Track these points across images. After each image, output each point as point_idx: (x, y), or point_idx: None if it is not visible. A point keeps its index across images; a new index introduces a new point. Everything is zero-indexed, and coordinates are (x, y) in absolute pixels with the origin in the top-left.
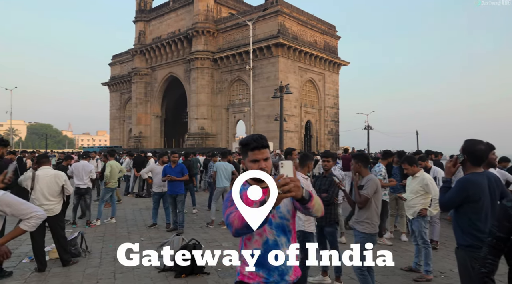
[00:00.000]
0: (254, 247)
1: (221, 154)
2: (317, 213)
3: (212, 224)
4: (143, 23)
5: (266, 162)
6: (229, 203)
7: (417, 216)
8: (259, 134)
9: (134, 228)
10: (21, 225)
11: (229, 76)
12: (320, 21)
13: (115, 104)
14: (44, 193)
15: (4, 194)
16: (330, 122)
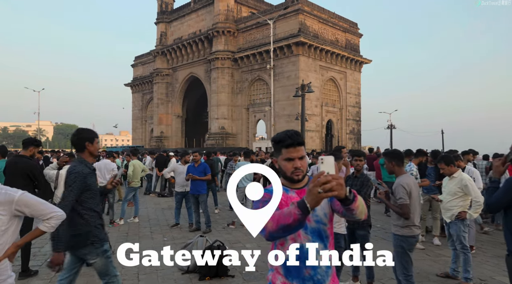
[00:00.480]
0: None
1: (243, 154)
2: (360, 216)
3: (234, 224)
4: (165, 24)
5: (302, 161)
6: (261, 204)
7: (456, 219)
8: (294, 130)
9: (156, 228)
10: (41, 226)
11: (249, 75)
12: (341, 19)
13: (137, 105)
14: None
15: (23, 194)
16: (352, 121)
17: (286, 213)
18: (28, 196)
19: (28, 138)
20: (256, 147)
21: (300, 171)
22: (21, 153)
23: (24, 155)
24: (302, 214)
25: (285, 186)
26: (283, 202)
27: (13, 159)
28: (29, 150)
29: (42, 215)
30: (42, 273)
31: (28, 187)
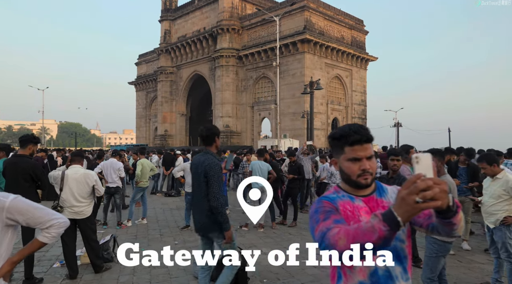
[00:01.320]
0: (358, 279)
1: (257, 153)
2: (460, 232)
3: (246, 226)
4: (169, 22)
5: (370, 161)
6: (322, 215)
7: (500, 225)
8: (359, 124)
9: (166, 230)
10: (40, 236)
11: (254, 73)
12: (347, 16)
13: (141, 103)
14: (73, 193)
15: (15, 198)
16: (358, 119)
17: (367, 229)
18: (21, 201)
19: (25, 135)
20: (261, 145)
21: (369, 174)
22: (19, 152)
23: (23, 154)
24: (390, 231)
25: (348, 193)
26: (348, 212)
27: (12, 159)
28: (28, 148)
29: (40, 224)
30: (47, 281)
31: (31, 188)
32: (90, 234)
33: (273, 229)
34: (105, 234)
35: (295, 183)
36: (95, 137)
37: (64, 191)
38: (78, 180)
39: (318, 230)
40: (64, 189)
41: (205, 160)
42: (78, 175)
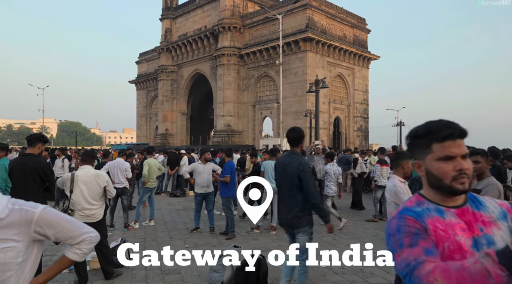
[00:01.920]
0: None
1: (269, 152)
2: None
3: (258, 229)
4: (170, 20)
5: (466, 161)
6: (407, 238)
7: None
8: (447, 120)
9: (175, 232)
10: (69, 253)
11: (255, 72)
12: (349, 14)
13: (142, 102)
14: (85, 196)
15: (45, 209)
16: (360, 118)
17: (477, 272)
18: (51, 212)
19: (33, 134)
20: (263, 145)
21: (466, 176)
22: (28, 151)
23: (32, 154)
24: (510, 276)
25: (435, 202)
26: (440, 232)
27: (19, 159)
28: (37, 147)
29: (70, 238)
30: None
31: (40, 189)
32: (101, 239)
33: None
34: (112, 237)
35: None
36: (95, 136)
37: (74, 193)
38: (89, 182)
39: (403, 259)
40: (75, 191)
41: (295, 161)
42: (88, 176)
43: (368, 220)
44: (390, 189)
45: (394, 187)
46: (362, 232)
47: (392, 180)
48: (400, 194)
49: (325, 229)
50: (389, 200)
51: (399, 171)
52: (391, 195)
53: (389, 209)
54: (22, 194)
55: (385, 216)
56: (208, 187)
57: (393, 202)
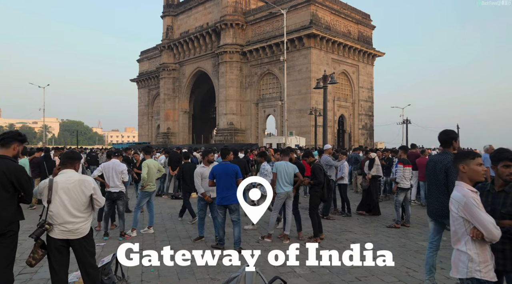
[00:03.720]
0: None
1: (281, 152)
2: None
3: (269, 238)
4: (171, 18)
5: None
6: None
7: None
8: None
9: (176, 242)
10: None
11: (258, 69)
12: (354, 10)
13: (144, 100)
14: (66, 206)
15: None
16: (364, 116)
17: None
18: None
19: (8, 132)
20: (266, 143)
21: None
22: (0, 152)
23: (5, 156)
24: None
25: None
26: None
27: None
28: (11, 147)
29: None
30: None
31: (11, 200)
32: (87, 257)
33: (300, 240)
34: (106, 248)
35: (313, 189)
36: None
37: (53, 204)
38: (71, 189)
39: None
40: (53, 201)
41: (445, 159)
42: (71, 182)
43: (390, 226)
44: (458, 201)
45: (464, 198)
46: (386, 240)
47: (461, 189)
48: (473, 208)
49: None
50: (456, 215)
51: (462, 176)
52: (460, 209)
53: (454, 228)
54: None
55: (407, 221)
56: (213, 192)
57: (462, 218)
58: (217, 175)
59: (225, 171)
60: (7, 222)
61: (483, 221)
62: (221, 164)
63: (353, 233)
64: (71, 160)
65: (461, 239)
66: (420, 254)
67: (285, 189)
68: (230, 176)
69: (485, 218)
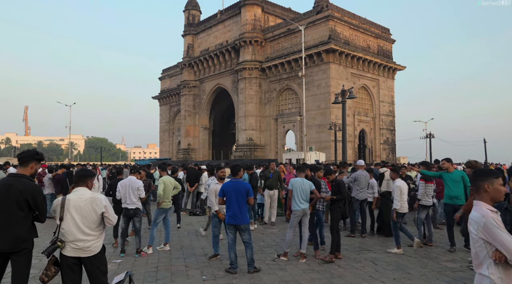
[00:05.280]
0: None
1: (297, 169)
2: None
3: (286, 256)
4: (192, 36)
5: None
6: None
7: None
8: None
9: (192, 259)
10: None
11: (277, 85)
12: (373, 25)
13: (165, 117)
14: (78, 224)
15: None
16: (386, 130)
17: None
18: None
19: (26, 151)
20: (286, 159)
21: None
22: (18, 171)
23: (22, 174)
24: None
25: None
26: None
27: (6, 179)
28: (29, 167)
29: None
30: None
31: (26, 219)
32: (98, 276)
33: (317, 259)
34: (122, 265)
35: (335, 205)
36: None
37: (65, 221)
38: (83, 207)
39: None
40: (65, 219)
41: None
42: (83, 200)
43: (411, 246)
44: (477, 221)
45: (483, 219)
46: (407, 260)
47: (479, 209)
48: (494, 229)
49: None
50: (476, 237)
51: (483, 195)
52: (479, 230)
53: (474, 250)
54: (3, 225)
55: (430, 240)
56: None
57: (483, 240)
58: (227, 193)
59: (236, 189)
60: (21, 240)
61: (505, 242)
62: (232, 181)
63: (372, 252)
64: (83, 178)
65: (483, 262)
66: (443, 276)
67: (301, 207)
68: (240, 194)
69: (508, 239)
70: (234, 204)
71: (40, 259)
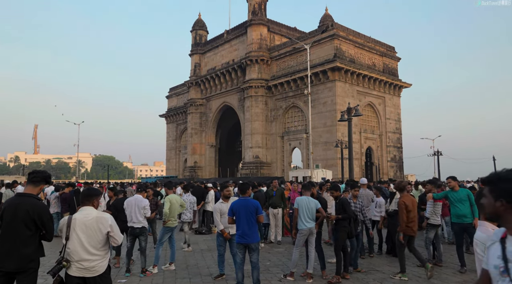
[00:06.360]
0: None
1: (302, 187)
2: None
3: (292, 276)
4: (199, 55)
5: None
6: None
7: None
8: None
9: (197, 279)
10: None
11: (283, 103)
12: (378, 43)
13: (172, 135)
14: (83, 243)
15: None
16: (393, 148)
17: None
18: None
19: (38, 171)
20: (292, 176)
21: None
22: (26, 190)
23: (30, 194)
24: None
25: None
26: None
27: (14, 199)
28: (39, 187)
29: None
30: None
31: (33, 238)
32: None
33: (324, 278)
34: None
35: (340, 224)
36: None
37: (70, 241)
38: (88, 226)
39: None
40: (71, 238)
41: None
42: (88, 219)
43: (420, 266)
44: (483, 242)
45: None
46: (416, 281)
47: (485, 229)
48: None
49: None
50: (482, 258)
51: None
52: (486, 252)
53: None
54: (11, 244)
55: (439, 260)
56: (232, 228)
57: None
58: (237, 212)
59: (245, 207)
60: (28, 259)
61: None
62: (240, 199)
63: (380, 272)
64: (89, 197)
65: None
66: None
67: (307, 225)
68: (250, 212)
69: None
70: (243, 223)
71: (46, 279)
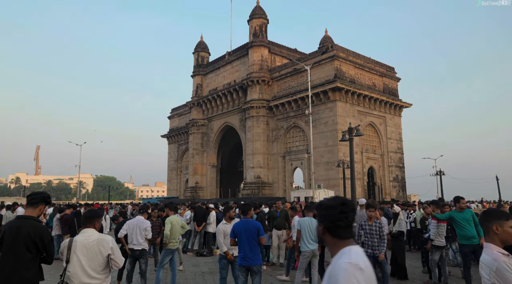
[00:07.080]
0: None
1: (305, 208)
2: None
3: None
4: (200, 76)
5: None
6: None
7: None
8: None
9: None
10: None
11: (284, 123)
12: (377, 64)
13: (173, 155)
14: (83, 266)
15: None
16: (395, 168)
17: None
18: None
19: (37, 193)
20: (294, 197)
21: None
22: (27, 212)
23: (30, 216)
24: None
25: None
26: None
27: (15, 222)
28: (38, 209)
29: None
30: None
31: (34, 261)
32: None
33: None
34: None
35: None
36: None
37: (71, 264)
38: (89, 248)
39: None
40: (71, 261)
41: None
42: (90, 241)
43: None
44: (489, 265)
45: (495, 263)
46: None
47: (490, 252)
48: (507, 274)
49: None
50: (489, 282)
51: (493, 237)
52: (492, 275)
53: None
54: (12, 268)
55: (445, 283)
56: (235, 250)
57: None
58: (238, 233)
59: (246, 228)
60: (28, 283)
61: None
62: (242, 221)
63: None
64: (90, 219)
65: None
66: None
67: (310, 247)
68: (251, 234)
69: None
70: (245, 245)
71: None
